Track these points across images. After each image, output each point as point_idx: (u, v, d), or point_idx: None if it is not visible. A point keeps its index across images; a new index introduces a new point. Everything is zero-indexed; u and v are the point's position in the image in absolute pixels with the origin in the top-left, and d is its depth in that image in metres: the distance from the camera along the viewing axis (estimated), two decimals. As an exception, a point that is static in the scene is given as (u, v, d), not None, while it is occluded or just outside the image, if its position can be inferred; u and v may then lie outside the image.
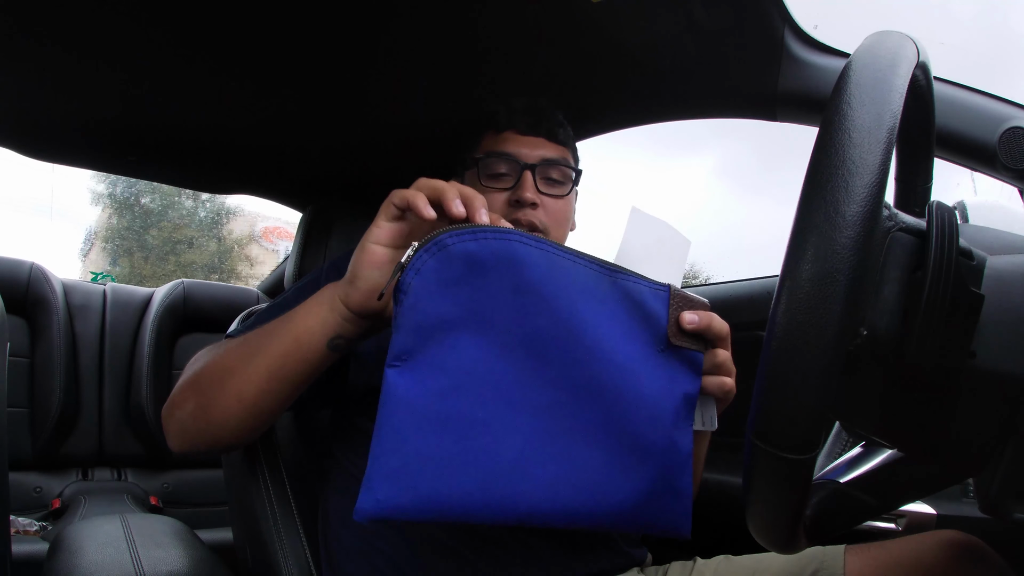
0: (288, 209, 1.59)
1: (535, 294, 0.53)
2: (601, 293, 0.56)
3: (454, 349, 0.51)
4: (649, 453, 0.56)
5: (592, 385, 0.55)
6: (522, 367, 0.53)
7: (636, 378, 0.56)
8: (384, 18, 0.91)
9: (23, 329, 1.87)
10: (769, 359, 0.37)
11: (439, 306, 0.51)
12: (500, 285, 0.52)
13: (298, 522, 0.81)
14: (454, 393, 0.51)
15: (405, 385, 0.50)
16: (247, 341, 0.68)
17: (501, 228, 0.53)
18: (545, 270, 0.54)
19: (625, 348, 0.56)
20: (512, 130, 0.88)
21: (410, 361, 0.51)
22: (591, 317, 0.55)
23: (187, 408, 0.68)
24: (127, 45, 0.93)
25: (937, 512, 0.86)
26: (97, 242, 11.05)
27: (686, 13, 0.86)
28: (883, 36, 0.44)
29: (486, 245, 0.52)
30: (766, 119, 0.98)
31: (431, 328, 0.51)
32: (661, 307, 0.58)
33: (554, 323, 0.53)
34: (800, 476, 0.39)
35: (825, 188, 0.36)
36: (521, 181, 0.85)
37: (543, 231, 0.85)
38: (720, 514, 1.10)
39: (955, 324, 0.41)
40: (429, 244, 0.51)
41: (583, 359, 0.54)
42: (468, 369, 0.52)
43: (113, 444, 1.93)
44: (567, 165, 0.88)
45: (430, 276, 0.51)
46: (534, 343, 0.53)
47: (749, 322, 1.17)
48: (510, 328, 0.53)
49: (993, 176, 0.76)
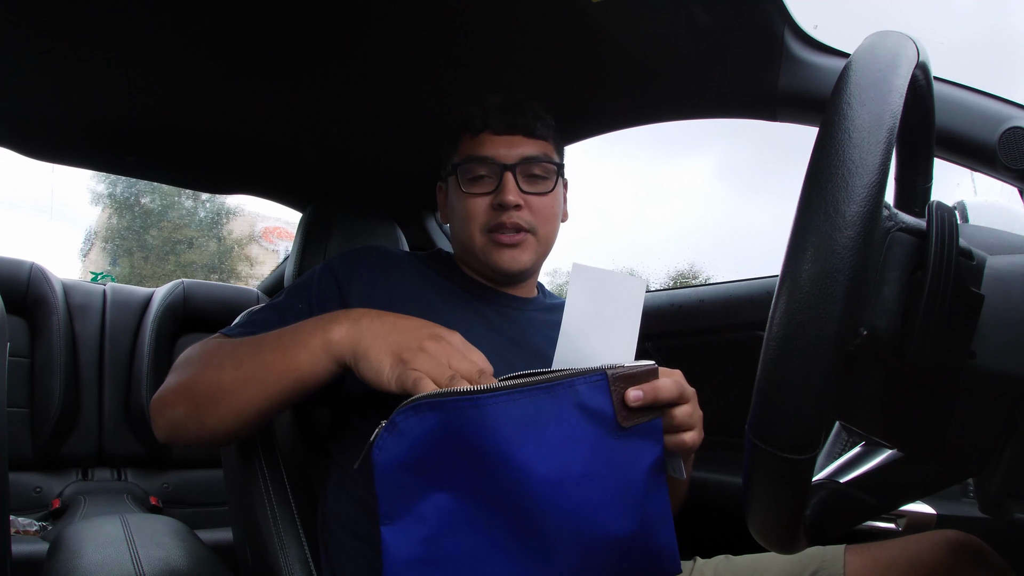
0: (288, 209, 1.59)
1: (478, 448, 0.58)
2: (544, 414, 0.59)
3: (428, 504, 0.59)
4: (626, 539, 0.60)
5: (556, 506, 0.59)
6: (489, 508, 0.59)
7: (598, 477, 0.59)
8: (384, 19, 0.91)
9: (23, 329, 1.87)
10: (769, 359, 0.37)
11: (404, 475, 0.58)
12: (448, 447, 0.58)
13: (298, 522, 0.81)
14: (438, 539, 0.59)
15: (396, 539, 0.58)
16: (244, 362, 0.68)
17: (436, 396, 0.58)
18: (482, 424, 0.58)
19: (580, 454, 0.59)
20: (488, 131, 0.85)
21: (396, 520, 0.59)
22: (538, 445, 0.59)
23: (179, 411, 0.69)
24: (128, 46, 0.93)
25: (937, 512, 0.86)
26: (97, 242, 11.05)
27: (686, 13, 0.86)
28: (883, 36, 0.44)
29: (425, 418, 0.58)
30: (766, 119, 0.98)
31: (403, 491, 0.59)
32: (603, 397, 0.60)
33: (503, 467, 0.58)
34: (800, 476, 0.39)
35: (825, 188, 0.36)
36: (502, 184, 0.83)
37: (530, 231, 0.84)
38: (720, 514, 1.10)
39: (955, 324, 0.41)
40: (387, 423, 0.58)
41: (539, 489, 0.58)
42: (444, 518, 0.59)
43: (113, 444, 1.92)
44: (548, 160, 0.86)
45: (390, 453, 0.58)
46: (492, 488, 0.59)
47: (749, 322, 1.17)
48: (469, 480, 0.59)
49: (993, 176, 0.76)
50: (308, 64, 1.00)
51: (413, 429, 0.58)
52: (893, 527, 0.88)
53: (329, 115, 1.16)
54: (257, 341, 0.70)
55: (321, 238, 1.18)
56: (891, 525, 0.88)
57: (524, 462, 0.58)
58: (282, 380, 0.65)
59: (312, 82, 1.05)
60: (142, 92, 1.06)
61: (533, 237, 0.85)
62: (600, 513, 0.60)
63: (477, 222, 0.84)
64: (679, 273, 10.43)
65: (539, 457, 0.59)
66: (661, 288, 1.76)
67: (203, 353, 0.73)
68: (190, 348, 0.76)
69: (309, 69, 1.02)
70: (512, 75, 1.05)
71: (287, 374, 0.65)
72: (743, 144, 28.39)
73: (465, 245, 0.87)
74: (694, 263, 10.58)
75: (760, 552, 0.76)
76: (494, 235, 0.83)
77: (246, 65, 1.00)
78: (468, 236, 0.86)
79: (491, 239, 0.84)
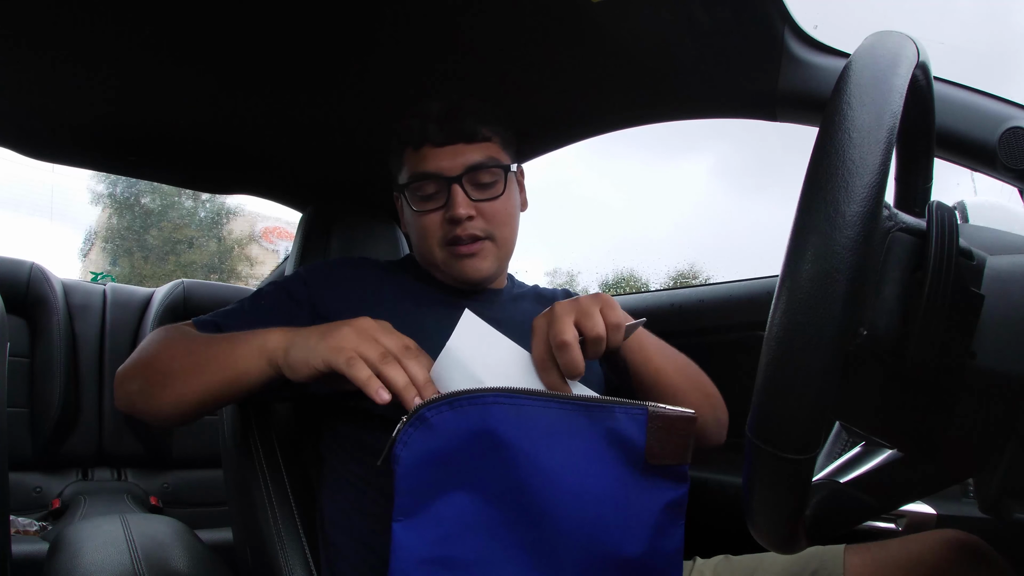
0: (288, 209, 1.59)
1: (512, 448, 0.59)
2: (576, 429, 0.61)
3: (447, 504, 0.59)
4: (633, 560, 0.61)
5: (573, 518, 0.60)
6: (508, 511, 0.60)
7: (616, 500, 0.61)
8: (384, 19, 0.91)
9: (23, 329, 1.87)
10: (769, 359, 0.37)
11: (428, 472, 0.59)
12: (480, 446, 0.59)
13: (298, 522, 0.81)
14: (451, 540, 0.59)
15: (409, 537, 0.59)
16: (194, 352, 0.72)
17: (475, 392, 0.59)
18: (518, 424, 0.60)
19: (603, 476, 0.61)
20: (428, 144, 0.84)
21: (412, 517, 0.59)
22: (566, 456, 0.60)
23: (134, 385, 0.74)
24: (128, 46, 0.93)
25: (937, 512, 0.86)
26: (97, 242, 11.05)
27: (686, 13, 0.86)
28: (883, 36, 0.44)
29: (463, 413, 0.59)
30: (766, 119, 0.98)
31: (424, 491, 0.59)
32: (638, 431, 0.61)
33: (532, 471, 0.60)
34: (800, 476, 0.39)
35: (825, 188, 0.36)
36: (451, 199, 0.82)
37: (487, 237, 0.84)
38: (720, 514, 1.10)
39: (955, 324, 0.41)
40: (413, 419, 0.58)
41: (561, 498, 0.60)
42: (461, 519, 0.59)
43: (113, 444, 1.92)
44: (494, 164, 0.85)
45: (416, 448, 0.58)
46: (516, 490, 0.60)
47: (749, 322, 1.17)
48: (493, 481, 0.60)
49: (993, 176, 0.76)
50: (308, 64, 1.00)
51: (446, 423, 0.59)
52: (893, 527, 0.88)
53: (329, 115, 1.16)
54: (211, 338, 0.74)
55: (321, 238, 1.18)
56: (891, 525, 0.88)
57: (552, 469, 0.60)
58: (219, 373, 0.69)
59: (312, 82, 1.05)
60: (142, 92, 1.06)
61: (491, 243, 0.85)
62: (612, 532, 0.61)
63: (434, 238, 0.84)
64: (679, 273, 10.44)
65: (564, 468, 0.60)
66: (661, 288, 1.76)
67: (165, 338, 0.77)
68: (159, 329, 0.80)
69: (309, 69, 1.02)
70: (512, 75, 1.05)
71: (224, 369, 0.69)
72: (743, 143, 28.41)
73: (426, 258, 0.88)
74: (694, 263, 10.59)
75: (760, 552, 0.76)
76: (452, 248, 0.84)
77: (246, 65, 1.00)
78: (428, 252, 0.86)
79: (450, 252, 0.84)
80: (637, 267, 12.24)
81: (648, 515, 0.62)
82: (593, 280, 14.39)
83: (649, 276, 10.90)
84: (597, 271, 19.50)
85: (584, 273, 15.75)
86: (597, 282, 11.45)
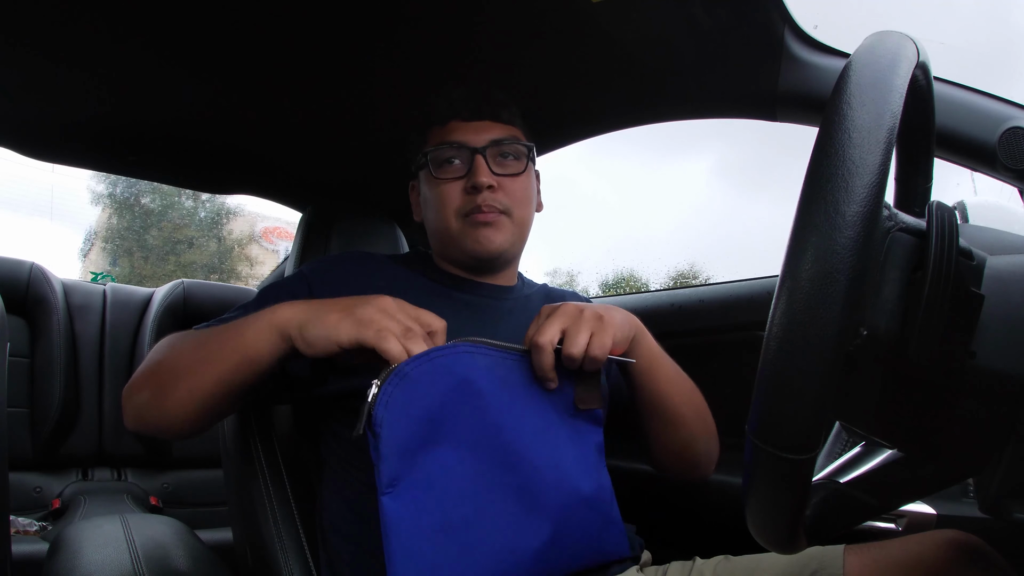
0: (288, 209, 1.59)
1: (485, 395, 0.62)
2: (527, 379, 0.66)
3: (435, 463, 0.59)
4: (591, 497, 0.67)
5: (543, 460, 0.64)
6: (489, 461, 0.62)
7: (563, 445, 0.67)
8: (383, 19, 0.91)
9: (23, 329, 1.87)
10: (769, 359, 0.37)
11: (413, 429, 0.58)
12: (457, 395, 0.60)
13: (298, 522, 0.81)
14: (445, 501, 0.59)
15: (402, 507, 0.57)
16: (202, 345, 0.70)
17: (447, 345, 0.62)
18: (487, 373, 0.63)
19: (551, 421, 0.66)
20: (456, 119, 0.86)
21: (400, 485, 0.57)
22: (526, 402, 0.65)
23: (143, 395, 0.72)
24: (128, 46, 0.93)
25: (937, 512, 0.86)
26: (97, 242, 11.06)
27: (686, 13, 0.86)
28: (883, 36, 0.44)
29: (440, 363, 0.60)
30: (766, 119, 0.98)
31: (411, 451, 0.58)
32: (566, 380, 0.67)
33: (505, 416, 0.63)
34: (800, 476, 0.39)
35: (825, 188, 0.36)
36: (474, 167, 0.82)
37: (505, 212, 0.84)
38: (720, 514, 1.10)
39: (955, 324, 0.41)
40: (391, 376, 0.57)
41: (527, 441, 0.64)
42: (450, 477, 0.59)
43: (113, 444, 1.92)
44: (518, 142, 0.86)
45: (398, 405, 0.57)
46: (492, 437, 0.62)
47: (749, 322, 1.17)
48: (473, 429, 0.61)
49: (993, 176, 0.76)
50: (309, 64, 1.00)
51: (425, 375, 0.59)
52: (893, 527, 0.88)
53: (329, 115, 1.16)
54: (215, 329, 0.73)
55: (321, 238, 1.18)
56: (891, 525, 0.88)
57: (518, 414, 0.64)
58: (231, 358, 0.67)
59: (313, 82, 1.05)
60: (142, 92, 1.06)
61: (508, 219, 0.84)
62: (571, 468, 0.66)
63: (451, 207, 0.84)
64: (679, 273, 10.45)
65: (526, 413, 0.65)
66: (661, 288, 1.76)
67: (169, 342, 0.76)
68: (163, 339, 0.78)
69: (310, 69, 1.02)
70: (512, 75, 1.05)
71: (235, 352, 0.67)
72: (743, 142, 28.42)
73: (441, 233, 0.87)
74: (694, 263, 10.59)
75: (760, 552, 0.76)
76: (470, 217, 0.83)
77: (246, 65, 1.00)
78: (444, 223, 0.85)
79: (467, 222, 0.83)
80: (637, 267, 12.25)
81: (588, 454, 0.69)
82: (593, 280, 14.39)
83: (649, 276, 10.92)
84: (597, 271, 19.50)
85: (584, 273, 15.76)
86: (597, 282, 11.46)
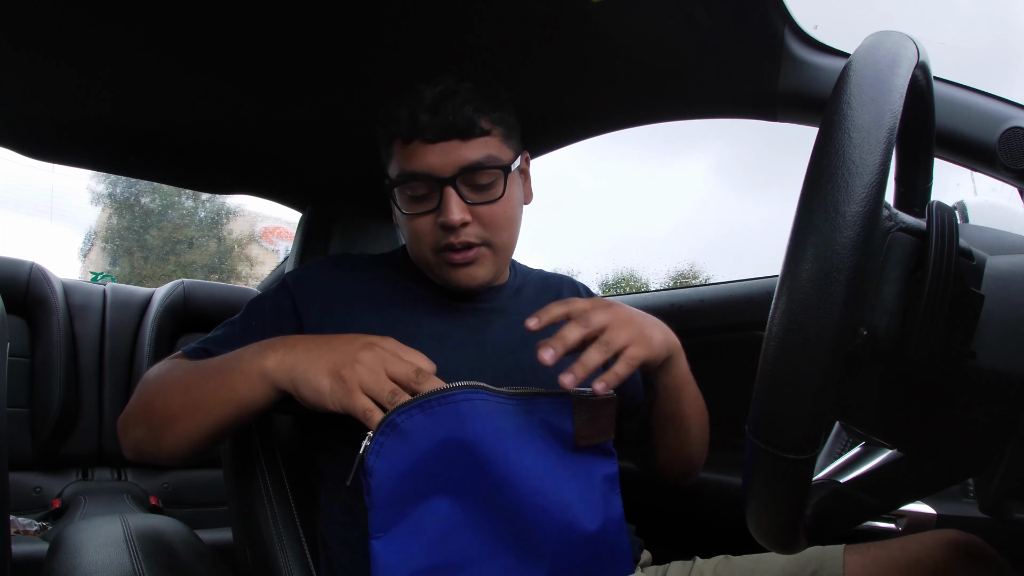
0: (288, 209, 1.59)
1: (482, 445, 0.61)
2: (524, 422, 0.65)
3: (426, 511, 0.59)
4: (596, 535, 0.66)
5: (544, 504, 0.63)
6: (486, 508, 0.62)
7: (566, 484, 0.66)
8: (382, 18, 0.91)
9: (23, 329, 1.87)
10: (769, 359, 0.37)
11: (403, 480, 0.58)
12: (452, 447, 0.60)
13: (298, 522, 0.81)
14: (435, 547, 0.59)
15: (391, 553, 0.58)
16: (194, 387, 0.70)
17: (444, 391, 0.60)
18: (484, 421, 0.62)
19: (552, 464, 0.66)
20: (418, 139, 0.74)
21: (391, 531, 0.58)
22: (524, 447, 0.64)
23: (139, 432, 0.72)
24: (128, 46, 0.93)
25: (937, 512, 0.86)
26: (97, 242, 11.06)
27: (686, 13, 0.86)
28: (883, 36, 0.44)
29: (434, 415, 0.59)
30: (766, 119, 0.98)
31: (401, 500, 0.59)
32: (566, 418, 0.67)
33: (502, 465, 0.62)
34: (800, 476, 0.39)
35: (825, 188, 0.36)
36: (443, 202, 0.73)
37: (484, 243, 0.77)
38: (720, 514, 1.10)
39: (955, 324, 0.41)
40: (383, 427, 0.58)
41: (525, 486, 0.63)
42: (442, 524, 0.60)
43: (113, 444, 1.92)
44: (492, 165, 0.75)
45: (389, 456, 0.58)
46: (491, 486, 0.62)
47: (749, 322, 1.17)
48: (468, 480, 0.61)
49: (993, 176, 0.76)
50: (308, 64, 1.00)
51: (419, 428, 0.59)
52: (893, 527, 0.88)
53: (329, 114, 1.16)
54: (204, 367, 0.71)
55: (321, 238, 1.18)
56: (891, 525, 0.88)
57: (516, 460, 0.63)
58: (225, 408, 0.67)
59: (312, 82, 1.05)
60: (142, 92, 1.06)
61: (488, 249, 0.77)
62: (575, 511, 0.65)
63: (425, 243, 0.77)
64: (679, 273, 10.45)
65: (524, 458, 0.64)
66: (661, 288, 1.76)
67: (158, 376, 0.75)
68: (152, 368, 0.78)
69: (309, 69, 1.02)
70: (512, 75, 1.05)
71: (228, 403, 0.67)
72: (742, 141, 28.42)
73: (420, 262, 0.81)
74: (694, 263, 10.58)
75: (760, 552, 0.76)
76: (445, 255, 0.76)
77: (246, 65, 1.00)
78: (420, 256, 0.79)
79: (443, 258, 0.77)
80: (637, 267, 12.26)
81: (594, 490, 0.68)
82: (593, 280, 14.39)
83: (649, 276, 10.92)
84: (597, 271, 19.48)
85: (584, 273, 15.75)
86: (597, 282, 11.44)
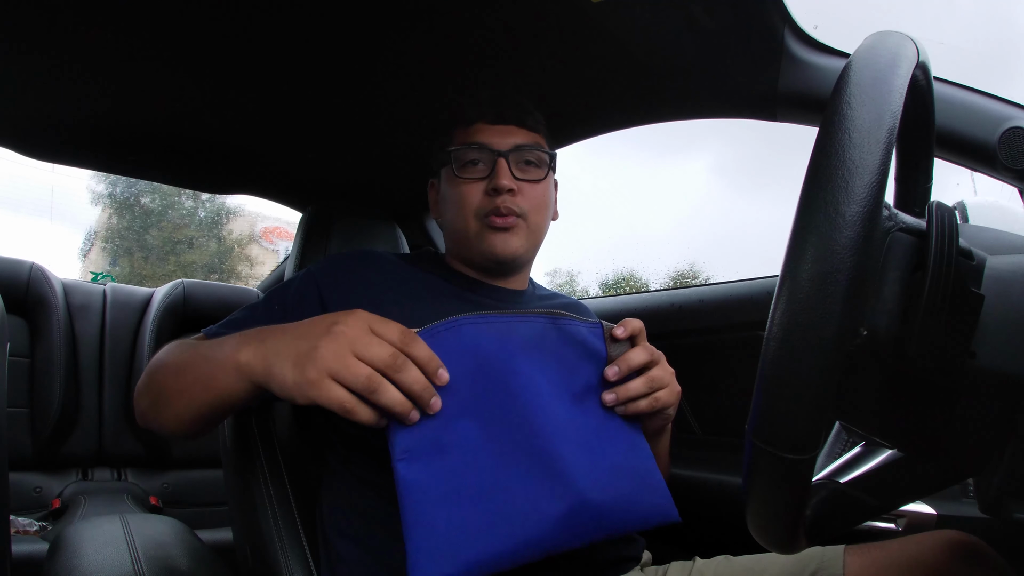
0: (288, 209, 1.59)
1: (496, 361, 0.62)
2: (549, 341, 0.67)
3: (449, 431, 0.59)
4: (621, 464, 0.66)
5: (558, 422, 0.63)
6: (507, 425, 0.61)
7: (591, 404, 0.67)
8: (384, 20, 0.91)
9: (23, 329, 1.87)
10: (769, 359, 0.37)
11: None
12: (466, 365, 0.61)
13: (298, 522, 0.81)
14: (459, 468, 0.59)
15: (417, 474, 0.58)
16: (188, 368, 0.71)
17: (447, 320, 0.62)
18: (495, 339, 0.63)
19: (577, 384, 0.67)
20: (481, 121, 0.87)
21: (414, 452, 0.58)
22: (544, 364, 0.65)
23: (144, 402, 0.76)
24: (128, 47, 0.93)
25: (937, 512, 0.86)
26: (97, 242, 11.06)
27: (686, 13, 0.86)
28: (883, 36, 0.44)
29: (441, 339, 0.61)
30: (766, 119, 0.98)
31: (422, 422, 0.59)
32: (598, 341, 0.69)
33: (518, 381, 0.63)
34: (800, 476, 0.39)
35: (825, 188, 0.36)
36: (496, 169, 0.84)
37: (522, 216, 0.85)
38: (720, 514, 1.10)
39: (955, 324, 0.41)
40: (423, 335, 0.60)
41: (550, 404, 0.64)
42: (463, 445, 0.60)
43: (113, 444, 1.92)
44: (541, 150, 0.88)
45: None
46: (509, 403, 0.62)
47: (749, 322, 1.17)
48: (486, 398, 0.61)
49: (993, 176, 0.76)
50: (309, 64, 1.00)
51: (445, 343, 0.61)
52: (893, 527, 0.88)
53: (329, 115, 1.16)
54: (196, 353, 0.72)
55: (321, 238, 1.18)
56: (891, 525, 0.88)
57: (535, 378, 0.64)
58: (206, 396, 0.68)
59: (313, 82, 1.05)
60: (142, 92, 1.06)
61: (524, 223, 0.86)
62: (598, 433, 0.66)
63: (471, 207, 0.85)
64: (679, 273, 10.45)
65: (545, 376, 0.65)
66: (661, 288, 1.76)
67: (166, 353, 0.77)
68: (169, 344, 0.80)
69: (310, 69, 1.02)
70: (512, 75, 1.05)
71: (209, 391, 0.68)
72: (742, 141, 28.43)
73: (459, 233, 0.88)
74: (694, 263, 10.59)
75: (760, 552, 0.76)
76: (487, 219, 0.84)
77: (246, 66, 1.00)
78: (462, 222, 0.86)
79: (485, 224, 0.85)
80: (637, 267, 12.26)
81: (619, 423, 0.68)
82: (593, 280, 14.39)
83: (649, 276, 10.92)
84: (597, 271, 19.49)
85: (584, 273, 15.75)
86: (597, 282, 11.45)
